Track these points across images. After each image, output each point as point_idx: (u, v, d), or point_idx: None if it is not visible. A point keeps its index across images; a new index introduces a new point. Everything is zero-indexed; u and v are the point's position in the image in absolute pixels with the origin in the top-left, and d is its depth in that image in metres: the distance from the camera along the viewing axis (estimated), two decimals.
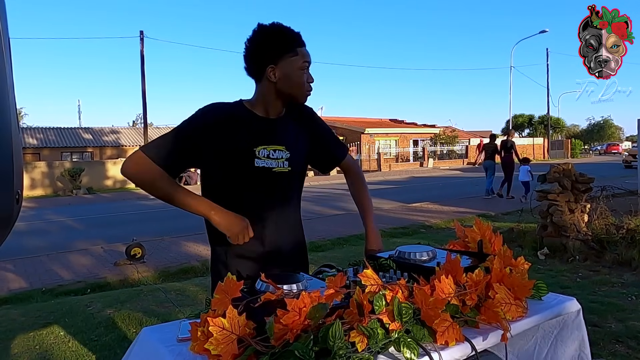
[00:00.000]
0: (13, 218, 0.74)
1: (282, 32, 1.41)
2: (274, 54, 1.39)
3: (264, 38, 1.40)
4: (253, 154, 1.43)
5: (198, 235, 7.52)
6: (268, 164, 1.46)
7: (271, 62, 1.40)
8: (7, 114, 0.69)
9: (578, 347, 1.45)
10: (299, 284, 1.13)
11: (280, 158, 1.48)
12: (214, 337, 0.93)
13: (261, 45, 1.41)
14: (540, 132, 44.11)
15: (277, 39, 1.40)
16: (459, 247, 1.58)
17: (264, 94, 1.46)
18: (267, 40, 1.40)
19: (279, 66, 1.40)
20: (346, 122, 31.42)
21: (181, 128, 1.41)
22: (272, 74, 1.41)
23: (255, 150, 1.43)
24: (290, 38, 1.41)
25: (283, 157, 1.48)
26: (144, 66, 21.31)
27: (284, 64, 1.40)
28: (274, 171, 1.47)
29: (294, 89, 1.44)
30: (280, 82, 1.42)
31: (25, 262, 6.22)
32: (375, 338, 0.99)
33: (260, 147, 1.44)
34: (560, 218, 5.42)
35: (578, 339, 1.45)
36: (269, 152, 1.46)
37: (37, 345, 3.33)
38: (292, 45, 1.40)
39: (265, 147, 1.45)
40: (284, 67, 1.40)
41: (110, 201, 15.54)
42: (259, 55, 1.41)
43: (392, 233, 7.48)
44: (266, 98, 1.46)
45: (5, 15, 0.72)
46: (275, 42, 1.40)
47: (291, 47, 1.40)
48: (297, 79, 1.42)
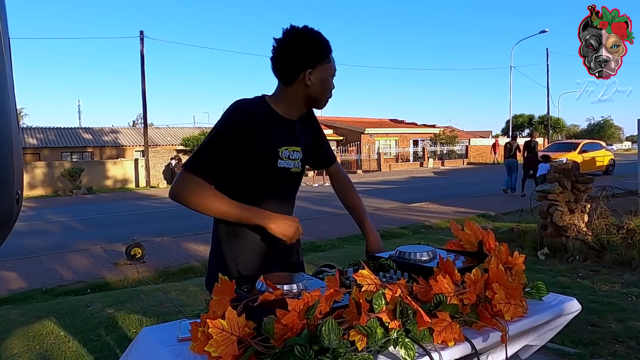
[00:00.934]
0: (13, 218, 0.74)
1: (320, 39, 1.45)
2: (313, 59, 1.42)
3: (304, 42, 1.41)
4: (277, 154, 1.46)
5: (198, 235, 7.52)
6: (288, 165, 1.50)
7: (309, 66, 1.42)
8: (7, 114, 0.69)
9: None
10: (299, 284, 1.13)
11: (297, 159, 1.52)
12: (214, 338, 0.93)
13: (301, 49, 1.41)
14: (540, 132, 44.08)
15: (316, 44, 1.44)
16: (456, 247, 1.58)
17: (292, 96, 1.47)
18: (307, 45, 1.42)
19: (315, 71, 1.43)
20: (346, 122, 31.41)
21: (218, 135, 1.40)
22: (308, 78, 1.43)
23: (279, 150, 1.46)
24: (326, 45, 1.46)
25: (298, 157, 1.53)
26: (144, 66, 21.31)
27: (321, 70, 1.44)
28: (291, 172, 1.52)
29: (323, 94, 1.48)
30: (314, 87, 1.45)
31: (25, 262, 6.22)
32: (375, 337, 0.99)
33: (283, 147, 1.47)
34: (560, 218, 5.42)
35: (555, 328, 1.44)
36: (289, 153, 1.50)
37: (37, 345, 3.33)
38: (327, 52, 1.45)
39: (287, 148, 1.48)
40: (320, 73, 1.44)
41: (110, 201, 15.53)
42: (297, 58, 1.41)
43: (392, 233, 7.47)
44: (294, 100, 1.48)
45: (6, 15, 0.72)
46: (315, 47, 1.43)
47: (327, 54, 1.45)
48: (329, 85, 1.48)
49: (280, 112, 1.48)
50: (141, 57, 21.21)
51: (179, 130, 32.64)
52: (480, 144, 35.55)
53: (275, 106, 1.47)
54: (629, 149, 62.78)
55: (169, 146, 27.34)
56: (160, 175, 22.34)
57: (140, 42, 21.08)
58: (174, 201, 1.40)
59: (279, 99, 1.49)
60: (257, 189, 1.46)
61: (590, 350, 2.87)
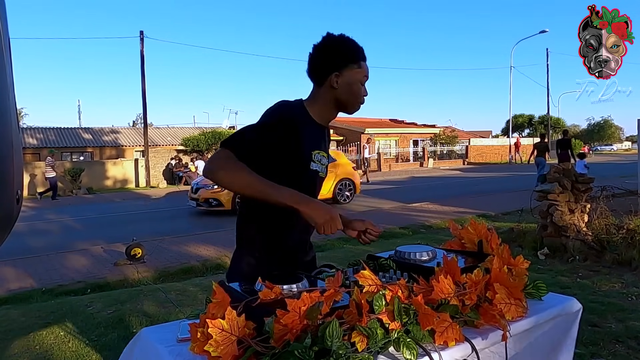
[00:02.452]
0: (13, 218, 0.74)
1: (350, 44, 1.49)
2: (341, 62, 1.47)
3: (335, 45, 1.48)
4: (310, 157, 1.51)
5: (198, 236, 7.52)
6: (318, 168, 1.55)
7: (337, 69, 1.47)
8: (7, 114, 0.69)
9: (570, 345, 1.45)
10: (299, 284, 1.13)
11: (325, 164, 1.60)
12: (214, 338, 0.92)
13: (330, 52, 1.47)
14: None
15: (345, 48, 1.48)
16: (456, 247, 1.58)
17: (323, 99, 1.52)
18: (337, 48, 1.48)
19: (343, 74, 1.47)
20: (346, 122, 31.40)
21: (263, 126, 1.42)
22: (335, 80, 1.47)
23: (312, 153, 1.52)
24: (357, 51, 1.49)
25: (325, 163, 1.60)
26: (144, 66, 21.30)
27: (348, 73, 1.47)
28: (319, 175, 1.57)
29: (351, 98, 1.50)
30: (340, 89, 1.49)
31: (25, 262, 6.22)
32: (375, 338, 0.99)
33: (316, 151, 1.53)
34: (560, 218, 5.42)
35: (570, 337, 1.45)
36: (320, 157, 1.55)
37: (37, 345, 3.33)
38: (357, 57, 1.48)
39: (318, 152, 1.54)
40: (347, 76, 1.47)
41: (110, 201, 15.53)
42: (327, 60, 1.48)
43: (392, 233, 7.48)
44: (324, 104, 1.52)
45: (6, 15, 0.72)
46: (343, 51, 1.47)
47: (357, 59, 1.48)
48: (356, 89, 1.49)
49: (314, 116, 1.53)
50: (141, 57, 21.21)
51: (179, 130, 32.65)
52: (480, 144, 35.55)
53: (310, 111, 1.53)
54: (629, 149, 62.79)
55: (169, 146, 27.34)
56: (160, 176, 22.33)
57: (140, 42, 21.08)
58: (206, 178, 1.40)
59: (312, 102, 1.54)
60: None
61: (590, 350, 2.88)
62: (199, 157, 22.77)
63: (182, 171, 21.40)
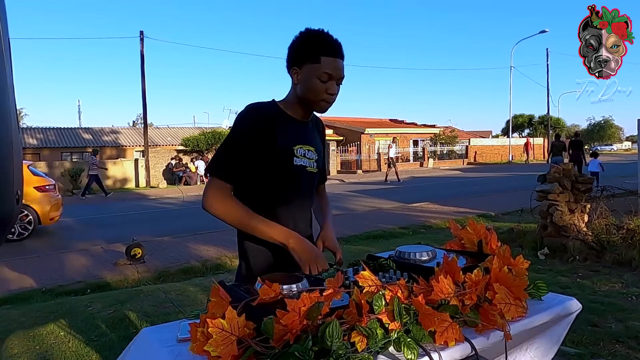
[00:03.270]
0: (13, 218, 0.74)
1: (313, 39, 1.45)
2: (298, 57, 1.45)
3: (297, 41, 1.47)
4: (292, 152, 1.49)
5: (198, 236, 7.52)
6: (304, 163, 1.53)
7: (296, 64, 1.46)
8: (7, 114, 0.69)
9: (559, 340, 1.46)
10: (299, 284, 1.13)
11: (312, 158, 1.56)
12: (214, 338, 0.92)
13: (292, 47, 1.47)
14: (540, 132, 44.10)
15: (304, 44, 1.45)
16: (457, 247, 1.58)
17: (291, 94, 1.52)
18: (297, 43, 1.46)
19: (302, 70, 1.45)
20: (346, 122, 31.40)
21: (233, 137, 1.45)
22: (295, 75, 1.47)
23: (294, 149, 1.49)
24: (318, 46, 1.43)
25: (313, 157, 1.57)
26: (144, 66, 21.29)
27: (306, 69, 1.44)
28: (307, 170, 1.54)
29: (308, 94, 1.46)
30: (299, 85, 1.47)
31: (25, 262, 6.22)
32: (375, 338, 0.99)
33: (298, 146, 1.50)
34: (560, 218, 5.42)
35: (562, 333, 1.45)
36: (304, 151, 1.53)
37: (37, 345, 3.33)
38: (316, 53, 1.43)
39: (302, 147, 1.52)
40: (304, 72, 1.45)
41: (111, 201, 15.53)
42: (289, 55, 1.48)
43: (392, 233, 7.47)
44: (293, 99, 1.52)
45: (5, 15, 0.72)
46: (302, 46, 1.45)
47: (314, 55, 1.43)
48: (312, 86, 1.44)
49: (290, 113, 1.52)
50: (141, 57, 21.20)
51: (179, 130, 32.64)
52: (480, 144, 35.55)
53: (285, 108, 1.52)
54: (629, 149, 62.76)
55: (169, 146, 27.33)
56: (160, 176, 22.33)
57: (140, 42, 21.07)
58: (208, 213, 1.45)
59: (285, 99, 1.54)
60: (275, 188, 1.49)
61: (590, 350, 2.87)
62: (199, 157, 22.78)
63: (182, 171, 21.40)
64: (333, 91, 1.47)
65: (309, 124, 1.58)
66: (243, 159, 1.43)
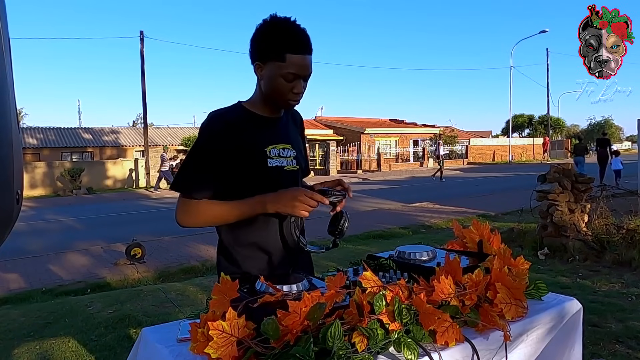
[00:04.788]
0: (13, 218, 0.74)
1: (277, 33, 1.32)
2: (262, 53, 1.34)
3: (260, 33, 1.35)
4: (265, 154, 1.40)
5: (198, 236, 7.52)
6: (280, 163, 1.43)
7: (259, 59, 1.35)
8: (7, 114, 0.69)
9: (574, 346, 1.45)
10: (299, 284, 1.13)
11: (289, 156, 1.47)
12: (214, 340, 0.92)
13: (255, 40, 1.35)
14: (541, 132, 44.09)
15: (268, 38, 1.33)
16: (458, 247, 1.58)
17: (258, 91, 1.43)
18: (262, 36, 1.34)
19: (265, 66, 1.35)
20: (346, 122, 31.40)
21: (197, 150, 1.37)
22: (258, 70, 1.37)
23: (266, 150, 1.40)
24: (283, 42, 1.31)
25: (291, 155, 1.47)
26: (144, 66, 21.31)
27: (270, 66, 1.34)
28: (285, 170, 1.45)
29: (273, 93, 1.37)
30: (263, 82, 1.38)
31: (25, 262, 6.22)
32: (375, 339, 0.99)
33: (270, 146, 1.41)
34: (560, 218, 5.42)
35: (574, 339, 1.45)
36: (278, 150, 1.43)
37: (37, 345, 3.33)
38: (281, 50, 1.31)
39: (275, 147, 1.43)
40: (268, 69, 1.34)
41: (110, 201, 15.53)
42: (252, 47, 1.37)
43: (392, 233, 7.47)
44: (258, 96, 1.43)
45: (6, 15, 0.72)
46: (266, 41, 1.33)
47: (279, 53, 1.31)
48: (276, 85, 1.34)
49: (257, 111, 1.43)
50: (141, 57, 21.22)
51: (179, 130, 32.65)
52: (480, 144, 35.54)
53: (252, 107, 1.43)
54: (629, 149, 62.73)
55: (169, 146, 27.33)
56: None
57: (140, 42, 21.09)
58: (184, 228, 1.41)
59: (252, 97, 1.44)
60: (251, 191, 1.40)
61: (590, 350, 2.87)
62: None
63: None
64: (299, 90, 1.37)
65: (281, 119, 1.47)
66: (211, 171, 1.35)
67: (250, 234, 1.43)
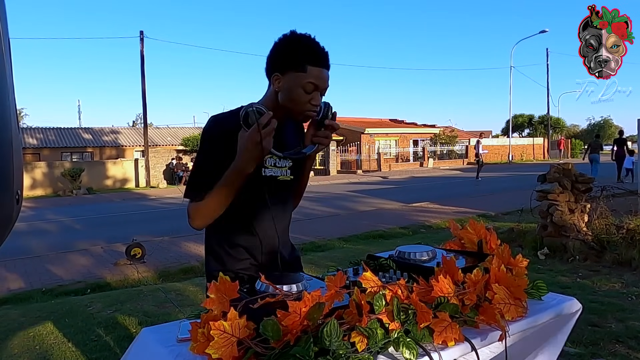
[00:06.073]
0: (13, 218, 0.74)
1: (299, 46, 1.35)
2: (282, 64, 1.36)
3: (282, 45, 1.38)
4: (261, 163, 1.39)
5: (198, 236, 7.51)
6: (274, 173, 1.45)
7: (278, 70, 1.37)
8: (7, 114, 0.69)
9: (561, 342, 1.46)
10: (299, 284, 1.13)
11: (284, 167, 1.48)
12: (215, 340, 0.93)
13: (276, 51, 1.38)
14: (540, 132, 44.09)
15: (291, 50, 1.36)
16: (455, 246, 1.58)
17: (269, 100, 1.42)
18: (283, 48, 1.37)
19: (284, 77, 1.36)
20: (346, 122, 31.38)
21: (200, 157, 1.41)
22: (276, 82, 1.38)
23: (264, 159, 1.40)
24: (305, 54, 1.34)
25: (286, 165, 1.49)
26: (144, 66, 21.31)
27: (289, 77, 1.35)
28: (278, 179, 1.47)
29: (290, 104, 1.38)
30: (281, 93, 1.38)
31: (25, 262, 6.22)
32: (375, 338, 0.99)
33: (267, 156, 1.40)
34: (560, 218, 5.42)
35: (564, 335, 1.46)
36: (274, 160, 1.45)
37: (37, 345, 3.33)
38: (302, 61, 1.34)
39: (272, 156, 1.43)
40: (287, 80, 1.36)
41: (110, 201, 15.53)
42: (271, 59, 1.39)
43: (392, 233, 7.47)
44: (271, 104, 1.41)
45: (6, 15, 0.72)
46: (287, 53, 1.36)
47: (300, 64, 1.34)
48: (295, 96, 1.36)
49: None
50: (141, 57, 21.21)
51: (179, 130, 32.65)
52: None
53: None
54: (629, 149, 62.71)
55: (169, 146, 27.34)
56: (160, 175, 22.35)
57: (140, 42, 21.09)
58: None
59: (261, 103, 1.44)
60: (246, 201, 1.41)
61: (590, 350, 2.87)
62: None
63: (182, 171, 21.41)
64: (317, 102, 1.38)
65: (285, 128, 1.48)
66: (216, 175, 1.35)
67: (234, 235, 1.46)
